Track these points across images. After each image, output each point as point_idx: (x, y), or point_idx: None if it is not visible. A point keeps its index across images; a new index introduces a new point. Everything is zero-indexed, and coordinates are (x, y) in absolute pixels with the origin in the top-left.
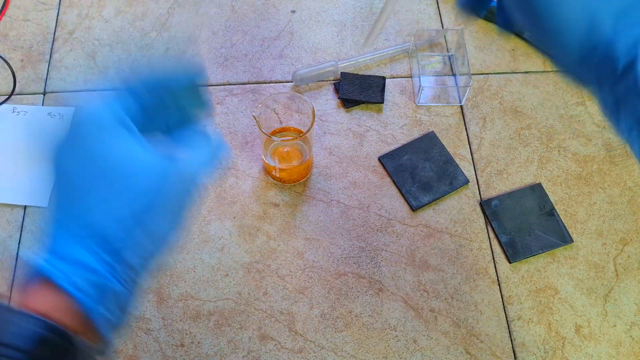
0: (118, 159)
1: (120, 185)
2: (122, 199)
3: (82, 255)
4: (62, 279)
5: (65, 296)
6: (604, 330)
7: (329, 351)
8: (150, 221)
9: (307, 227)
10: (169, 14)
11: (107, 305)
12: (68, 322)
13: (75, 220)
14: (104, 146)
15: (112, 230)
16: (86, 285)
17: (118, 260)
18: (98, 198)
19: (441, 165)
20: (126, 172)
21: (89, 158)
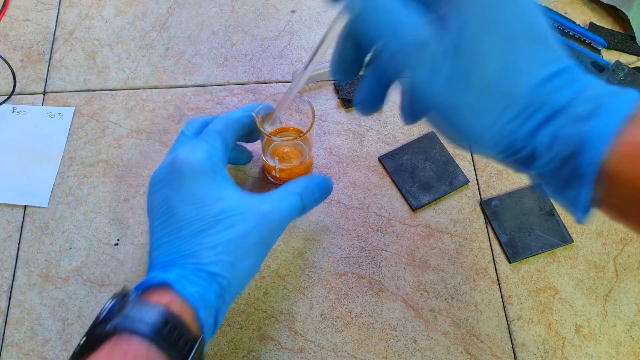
0: (222, 203)
1: (224, 225)
2: (224, 237)
3: (192, 276)
4: (179, 286)
5: (179, 299)
6: (604, 330)
7: (329, 351)
8: (245, 258)
9: (307, 227)
10: (169, 14)
11: (207, 311)
12: (182, 315)
13: (187, 252)
14: (210, 190)
15: (215, 267)
16: (193, 294)
17: (215, 282)
18: (203, 235)
19: (441, 165)
20: (231, 214)
21: (197, 200)
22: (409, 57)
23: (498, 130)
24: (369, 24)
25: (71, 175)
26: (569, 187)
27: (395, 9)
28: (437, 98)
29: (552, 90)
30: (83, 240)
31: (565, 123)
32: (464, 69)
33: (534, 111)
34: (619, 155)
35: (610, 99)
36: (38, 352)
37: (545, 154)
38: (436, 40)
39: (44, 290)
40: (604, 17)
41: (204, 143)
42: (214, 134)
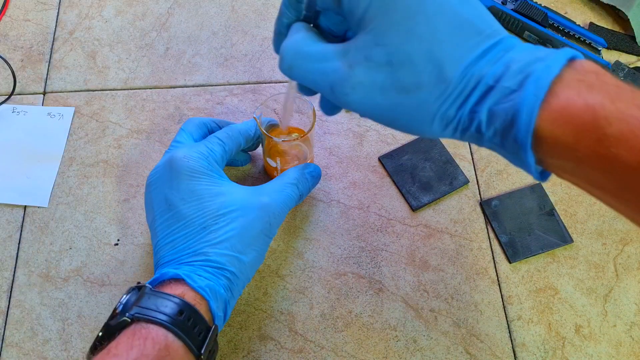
0: (222, 199)
1: (226, 220)
2: (228, 232)
3: (200, 271)
4: (190, 280)
5: (192, 291)
6: (604, 330)
7: (329, 351)
8: (249, 251)
9: (307, 227)
10: (169, 14)
11: (217, 304)
12: (195, 305)
13: (193, 249)
14: (208, 187)
15: (221, 262)
16: (204, 287)
17: (223, 276)
18: (207, 232)
19: (441, 165)
20: (231, 209)
21: (196, 197)
22: (343, 89)
23: (442, 116)
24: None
25: (71, 175)
26: (517, 155)
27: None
28: (378, 107)
29: (484, 68)
30: (83, 240)
31: (499, 98)
32: (394, 76)
33: (470, 92)
34: (546, 120)
35: (536, 66)
36: (38, 352)
37: (487, 130)
38: (360, 63)
39: (44, 290)
40: (604, 17)
41: (203, 145)
42: (215, 139)
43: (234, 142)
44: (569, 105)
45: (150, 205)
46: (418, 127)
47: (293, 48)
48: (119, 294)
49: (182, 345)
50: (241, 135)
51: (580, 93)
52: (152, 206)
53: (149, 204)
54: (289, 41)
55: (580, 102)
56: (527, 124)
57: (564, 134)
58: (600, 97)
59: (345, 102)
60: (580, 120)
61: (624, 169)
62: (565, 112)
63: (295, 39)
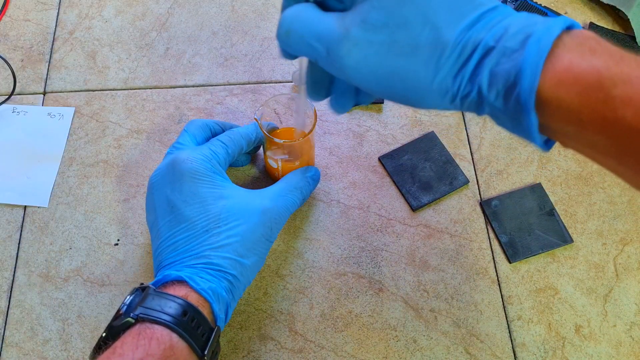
0: (224, 202)
1: (228, 224)
2: (230, 236)
3: (202, 274)
4: (193, 282)
5: (195, 293)
6: (604, 330)
7: (329, 351)
8: (250, 255)
9: (307, 227)
10: (169, 14)
11: (219, 306)
12: (199, 306)
13: (195, 252)
14: (211, 190)
15: (223, 266)
16: (207, 289)
17: (224, 279)
18: (209, 235)
19: (441, 165)
20: (234, 212)
21: (199, 200)
22: (339, 51)
23: (440, 82)
24: (298, 42)
25: (71, 175)
26: (519, 120)
27: (311, 22)
28: (375, 73)
29: (482, 31)
30: (83, 240)
31: (500, 59)
32: (390, 38)
33: (469, 55)
34: (550, 81)
35: (537, 27)
36: (38, 352)
37: (489, 93)
38: (356, 25)
39: (44, 290)
40: (604, 17)
41: (206, 148)
42: (217, 142)
43: (236, 146)
44: (573, 67)
45: (152, 206)
46: (416, 95)
47: (292, 14)
48: (119, 294)
49: (186, 345)
50: (243, 139)
51: (584, 56)
52: (154, 207)
53: (150, 205)
54: (289, 9)
55: (584, 64)
56: (531, 82)
57: (568, 96)
58: (604, 59)
59: (341, 67)
60: (584, 82)
61: (629, 132)
62: (569, 74)
63: (295, 7)
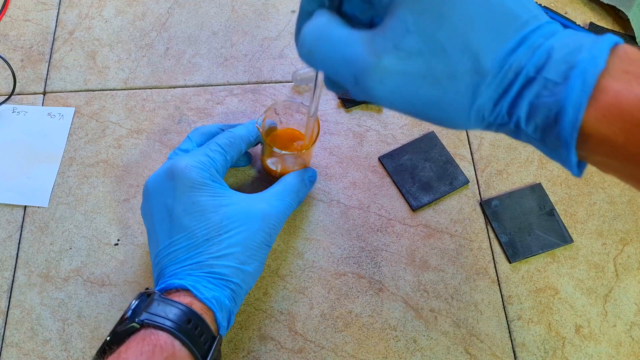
0: (224, 210)
1: (229, 232)
2: (231, 244)
3: (205, 282)
4: (197, 291)
5: (199, 301)
6: (604, 330)
7: (329, 351)
8: (251, 261)
9: (307, 227)
10: (169, 14)
11: (222, 314)
12: (202, 314)
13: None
14: (211, 198)
15: (226, 274)
16: (210, 298)
17: (227, 287)
18: (210, 244)
19: (441, 165)
20: (234, 220)
21: (199, 208)
22: (369, 81)
23: (478, 110)
24: (322, 67)
25: (71, 175)
26: (557, 151)
27: (337, 44)
28: (408, 101)
29: (523, 58)
30: (83, 240)
31: (540, 91)
32: (426, 67)
33: (510, 84)
34: (593, 117)
35: (581, 56)
36: (38, 352)
37: (528, 125)
38: (389, 53)
39: (44, 290)
40: (604, 17)
41: (204, 155)
42: (216, 147)
43: (235, 150)
44: (619, 101)
45: (149, 213)
46: (451, 120)
47: (315, 31)
48: (119, 294)
49: (188, 353)
50: (242, 142)
51: (630, 86)
52: (151, 214)
53: (147, 212)
54: (310, 24)
55: (630, 96)
56: (573, 121)
57: (613, 131)
58: None
59: (371, 96)
60: (630, 117)
61: None
62: (614, 108)
63: (317, 22)
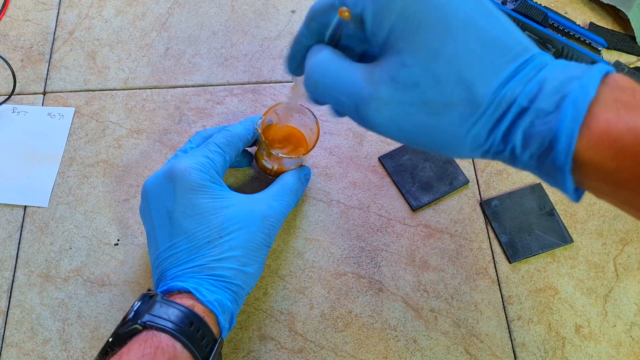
0: (224, 212)
1: (229, 235)
2: (232, 247)
3: (207, 285)
4: (199, 294)
5: (201, 304)
6: (604, 330)
7: (329, 351)
8: (252, 263)
9: (307, 227)
10: (169, 14)
11: (224, 316)
12: (204, 317)
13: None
14: (210, 201)
15: (227, 277)
16: (212, 301)
17: (229, 289)
18: (211, 246)
19: (441, 165)
20: (234, 222)
21: (199, 211)
22: (368, 110)
23: (473, 139)
24: (326, 95)
25: (71, 175)
26: (553, 177)
27: (340, 77)
28: (405, 130)
29: (516, 88)
30: (83, 240)
31: (534, 120)
32: (421, 98)
33: (503, 113)
34: (586, 145)
35: (572, 86)
36: (38, 352)
37: (523, 153)
38: (386, 84)
39: (44, 290)
40: (604, 17)
41: (203, 156)
42: (215, 147)
43: (233, 149)
44: (610, 129)
45: (147, 215)
46: (447, 149)
47: (321, 65)
48: (119, 294)
49: (189, 356)
50: (240, 140)
51: (620, 115)
52: (150, 216)
53: (146, 214)
54: (316, 58)
55: (621, 125)
56: (567, 148)
57: (604, 159)
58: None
59: (370, 125)
60: (621, 145)
61: None
62: (605, 137)
63: (322, 57)
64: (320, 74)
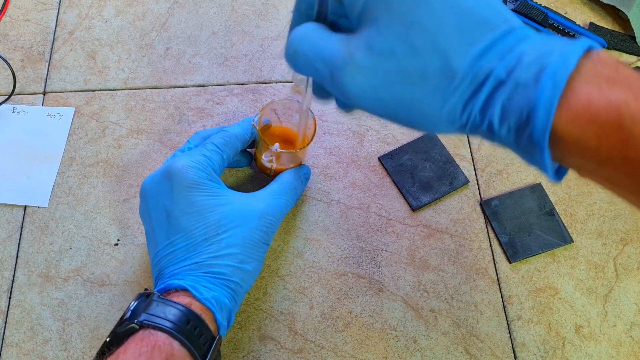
0: (222, 210)
1: (227, 232)
2: (229, 244)
3: (204, 282)
4: (196, 292)
5: (198, 302)
6: (604, 330)
7: (329, 351)
8: (250, 260)
9: (307, 227)
10: (169, 14)
11: (222, 314)
12: (202, 315)
13: (195, 261)
14: (208, 199)
15: (225, 274)
16: (209, 298)
17: (227, 287)
18: (208, 243)
19: (441, 165)
20: (232, 219)
21: (196, 209)
22: (343, 77)
23: (449, 111)
24: (305, 64)
25: (71, 175)
26: (531, 154)
27: (317, 44)
28: (380, 100)
29: (494, 60)
30: (83, 240)
31: (512, 93)
32: (397, 66)
33: (481, 85)
34: (565, 119)
35: (552, 58)
36: (38, 352)
37: (500, 127)
38: (362, 50)
39: (44, 290)
40: (604, 17)
41: (201, 155)
42: (212, 146)
43: (231, 149)
44: (590, 104)
45: (146, 215)
46: (423, 122)
47: (300, 34)
48: (119, 294)
49: (187, 354)
50: (238, 140)
51: (601, 89)
52: (149, 216)
53: (145, 213)
54: (296, 30)
55: (602, 99)
56: (545, 122)
57: (585, 134)
58: (623, 93)
59: (345, 92)
60: (602, 121)
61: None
62: (586, 111)
63: (304, 27)
64: (298, 42)
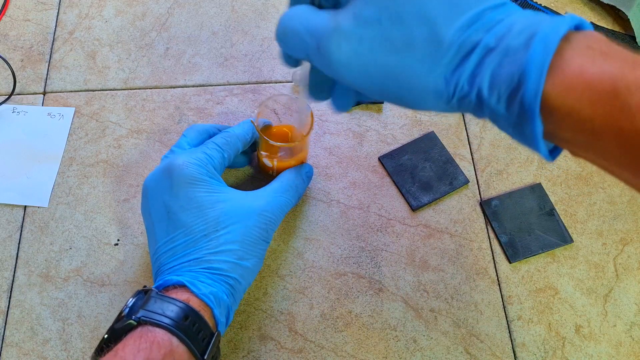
0: (221, 206)
1: (226, 228)
2: (228, 240)
3: (203, 278)
4: (194, 287)
5: (197, 297)
6: (604, 330)
7: (329, 351)
8: (249, 257)
9: (307, 227)
10: (169, 14)
11: (220, 310)
12: (200, 311)
13: (194, 257)
14: (207, 195)
15: (224, 269)
16: (208, 294)
17: (225, 283)
18: (207, 239)
19: (441, 165)
20: (231, 216)
21: (196, 205)
22: (329, 45)
23: (435, 81)
24: (293, 39)
25: (71, 175)
26: (522, 127)
27: (305, 18)
28: (367, 71)
29: (481, 31)
30: (83, 240)
31: (502, 59)
32: (383, 34)
33: (468, 53)
34: (558, 87)
35: (543, 25)
36: (38, 352)
37: (490, 96)
38: (348, 19)
39: (44, 290)
40: (604, 17)
41: (201, 152)
42: (214, 145)
43: (232, 148)
44: (584, 73)
45: (147, 212)
46: (411, 95)
47: (290, 13)
48: (119, 294)
49: (186, 350)
50: (239, 141)
51: (595, 60)
52: (149, 212)
53: (145, 210)
54: (289, 10)
55: (596, 69)
56: (536, 85)
57: (578, 103)
58: (618, 65)
59: (330, 63)
60: (597, 89)
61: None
62: (579, 80)
63: (294, 7)
64: (288, 20)
